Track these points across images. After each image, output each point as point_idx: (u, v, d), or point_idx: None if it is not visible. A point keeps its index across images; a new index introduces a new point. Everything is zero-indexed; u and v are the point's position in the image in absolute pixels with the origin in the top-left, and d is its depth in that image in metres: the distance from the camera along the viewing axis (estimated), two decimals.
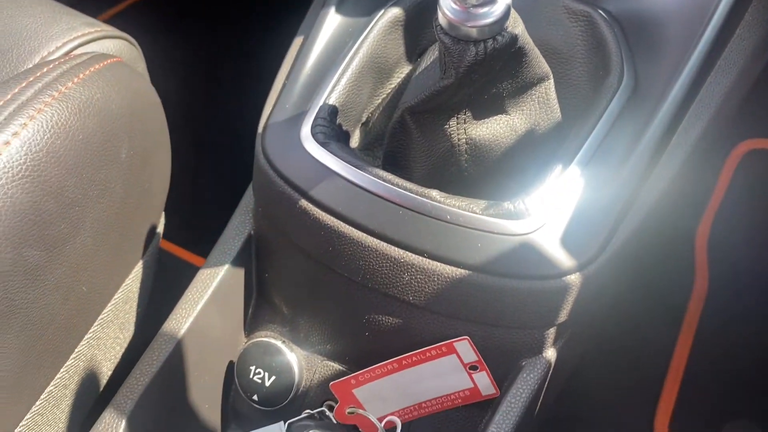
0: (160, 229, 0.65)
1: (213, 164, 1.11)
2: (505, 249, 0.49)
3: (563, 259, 0.49)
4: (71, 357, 0.54)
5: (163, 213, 0.66)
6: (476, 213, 0.49)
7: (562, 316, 0.51)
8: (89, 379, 0.58)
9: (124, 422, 0.52)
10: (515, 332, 0.51)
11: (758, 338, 0.92)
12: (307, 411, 0.60)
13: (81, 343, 0.55)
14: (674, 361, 0.93)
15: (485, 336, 0.52)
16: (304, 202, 0.53)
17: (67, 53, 0.54)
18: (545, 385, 0.53)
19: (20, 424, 0.50)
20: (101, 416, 0.52)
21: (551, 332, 0.52)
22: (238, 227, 0.61)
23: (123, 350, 0.64)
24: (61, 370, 0.53)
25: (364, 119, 0.63)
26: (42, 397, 0.52)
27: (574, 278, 0.49)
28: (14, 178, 0.41)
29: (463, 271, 0.49)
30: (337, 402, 0.58)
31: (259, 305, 0.63)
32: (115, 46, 0.59)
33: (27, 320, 0.46)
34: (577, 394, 0.78)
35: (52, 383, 0.53)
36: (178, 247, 1.01)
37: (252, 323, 0.63)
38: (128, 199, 0.54)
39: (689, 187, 0.57)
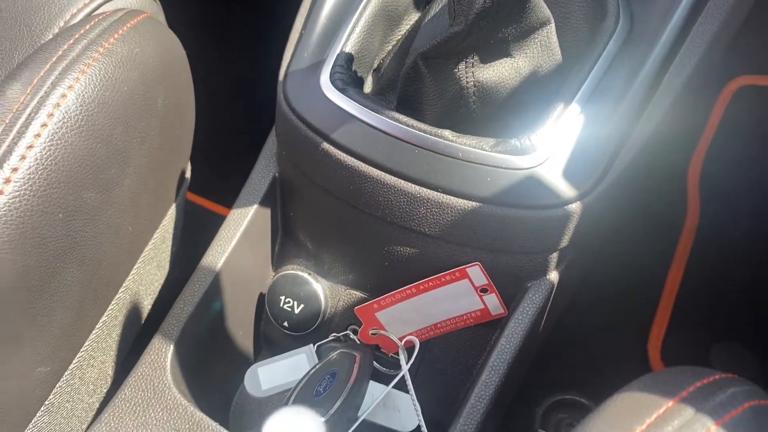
0: (188, 175, 0.70)
1: (232, 114, 1.15)
2: (512, 182, 0.54)
3: (565, 189, 0.54)
4: (120, 291, 0.60)
5: (189, 161, 0.71)
6: (485, 150, 0.54)
7: (564, 242, 0.56)
8: (134, 311, 0.64)
9: (171, 347, 0.58)
10: (521, 257, 0.57)
11: (745, 267, 0.98)
12: (334, 334, 0.66)
13: (127, 278, 0.61)
14: (666, 287, 0.99)
15: (494, 261, 0.57)
16: (325, 145, 0.58)
17: (90, 12, 0.58)
18: (548, 305, 0.59)
19: (80, 351, 0.56)
20: (152, 341, 0.58)
21: (554, 257, 0.57)
22: (263, 171, 0.66)
23: (160, 287, 0.69)
24: (112, 302, 0.59)
25: (375, 66, 0.67)
26: (97, 326, 0.58)
27: (574, 207, 0.54)
28: (72, 127, 0.46)
29: (474, 203, 0.54)
30: (360, 326, 0.64)
31: (285, 242, 0.68)
32: (137, 2, 0.63)
33: (85, 256, 0.51)
34: (571, 320, 0.83)
35: (105, 314, 0.58)
36: (200, 197, 1.06)
37: (279, 258, 0.69)
38: (163, 146, 0.59)
39: (682, 124, 0.61)
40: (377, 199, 0.57)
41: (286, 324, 0.66)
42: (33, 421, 0.53)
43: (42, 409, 0.53)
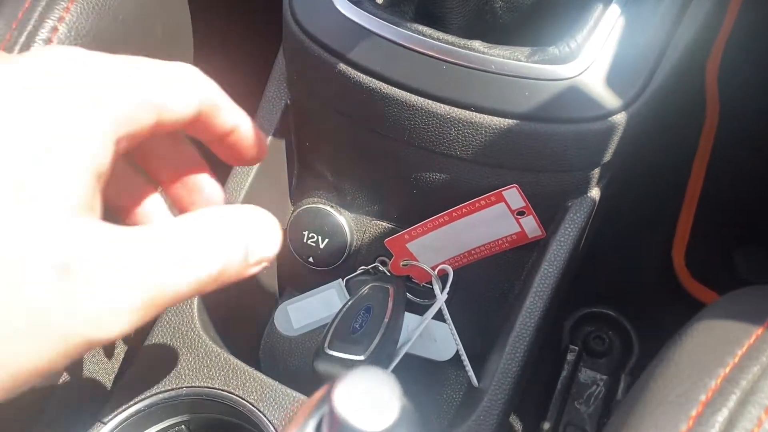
0: None
1: (235, 37, 1.07)
2: (553, 94, 0.49)
3: (609, 99, 0.50)
4: None
5: None
6: (521, 60, 0.50)
7: (607, 156, 0.52)
8: None
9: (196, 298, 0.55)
10: (562, 176, 0.53)
11: (766, 166, 0.95)
12: (362, 267, 0.63)
13: None
14: (688, 191, 0.96)
15: (532, 182, 0.54)
16: (342, 66, 0.53)
17: None
18: (589, 224, 0.56)
19: None
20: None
21: (596, 173, 0.54)
22: (274, 98, 0.61)
23: None
24: None
25: None
26: None
27: (619, 118, 0.50)
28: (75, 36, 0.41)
29: (511, 121, 0.50)
30: (389, 257, 0.61)
31: (303, 175, 0.64)
32: None
33: None
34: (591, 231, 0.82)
35: None
36: None
37: (297, 192, 0.65)
38: None
39: (698, 21, 0.56)
40: (402, 123, 0.53)
41: (311, 260, 0.63)
42: (63, 377, 0.50)
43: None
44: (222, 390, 0.51)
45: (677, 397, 0.30)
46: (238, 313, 0.61)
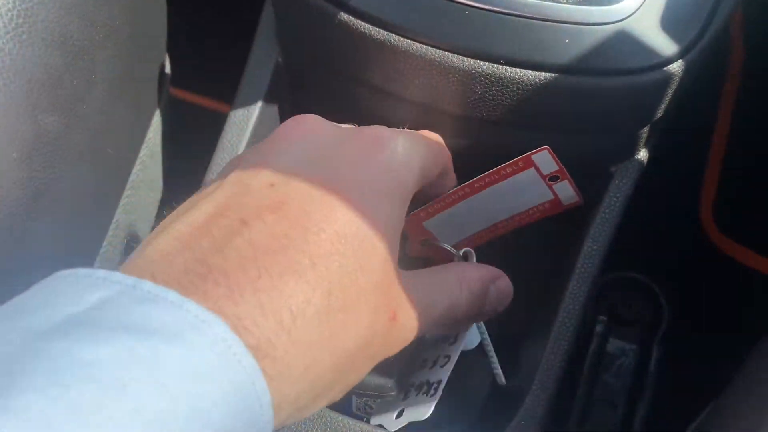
0: (168, 70, 0.57)
1: None
2: (597, 42, 0.41)
3: (665, 45, 0.42)
4: (110, 231, 0.48)
5: (167, 55, 0.57)
6: (560, 1, 0.41)
7: (660, 112, 0.45)
8: (129, 249, 0.53)
9: None
10: (607, 137, 0.46)
11: None
12: None
13: (117, 212, 0.49)
14: (714, 146, 0.89)
15: (570, 145, 0.46)
16: (344, 16, 0.45)
17: None
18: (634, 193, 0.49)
19: None
20: None
21: (645, 132, 0.46)
22: (263, 57, 0.53)
23: (155, 211, 0.58)
24: (104, 244, 0.48)
25: None
26: None
27: (676, 67, 0.42)
28: (6, 29, 0.32)
29: (548, 74, 0.42)
30: (405, 239, 0.54)
31: None
32: None
33: (60, 203, 0.39)
34: None
35: (95, 261, 0.48)
36: (185, 92, 0.91)
37: None
38: (134, 40, 0.45)
39: None
40: (417, 82, 0.45)
41: None
42: None
43: None
44: None
45: None
46: None
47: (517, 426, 0.43)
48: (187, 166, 0.59)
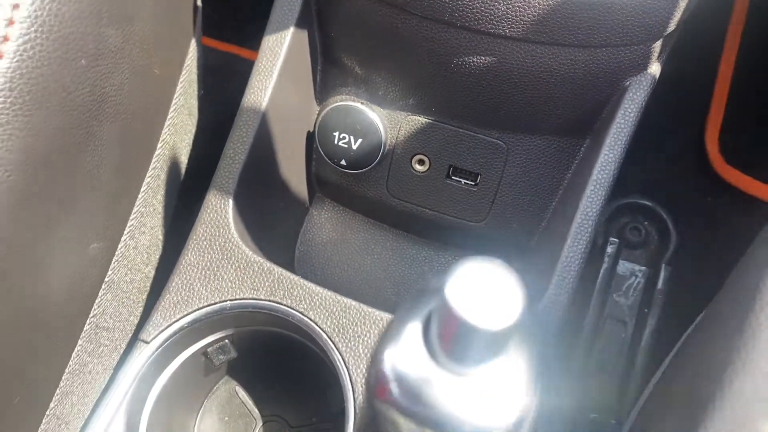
0: (200, 3, 0.59)
1: None
2: None
3: None
4: (158, 145, 0.52)
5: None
6: None
7: (672, 25, 0.47)
8: (175, 166, 0.57)
9: (230, 201, 0.51)
10: (621, 50, 0.48)
11: None
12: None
13: (163, 130, 0.52)
14: (720, 77, 0.91)
15: (589, 60, 0.49)
16: None
17: None
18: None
19: (130, 219, 0.50)
20: (207, 198, 0.51)
21: (657, 45, 0.49)
22: None
23: (193, 136, 0.61)
24: (153, 159, 0.51)
25: None
26: (142, 188, 0.51)
27: None
28: None
29: None
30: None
31: (328, 70, 0.59)
32: None
33: (117, 109, 0.43)
34: None
35: (148, 174, 0.51)
36: (214, 40, 0.94)
37: (323, 90, 0.60)
38: None
39: None
40: (446, 1, 0.47)
41: (343, 162, 0.59)
42: (97, 300, 0.47)
43: (103, 287, 0.48)
44: (268, 300, 0.49)
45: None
46: (273, 220, 0.58)
47: (554, 294, 0.47)
48: (221, 99, 0.63)
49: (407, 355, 0.23)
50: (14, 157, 0.34)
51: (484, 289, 0.22)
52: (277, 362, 0.55)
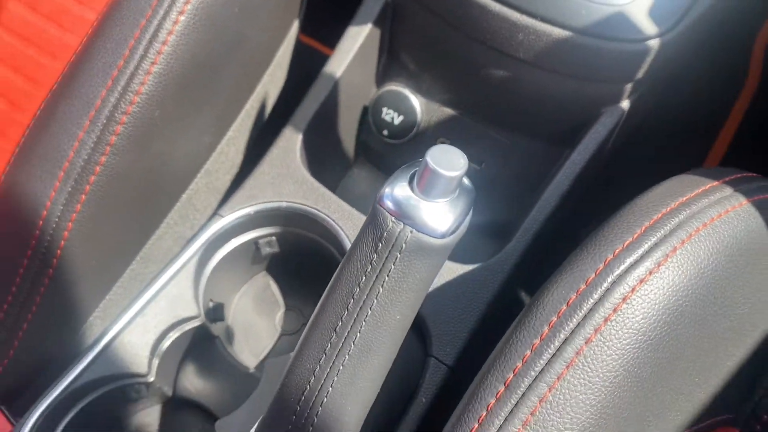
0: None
1: None
2: (604, 15, 0.62)
3: (648, 26, 0.63)
4: (258, 85, 0.72)
5: None
6: None
7: (640, 74, 0.65)
8: (266, 104, 0.76)
9: (300, 135, 0.70)
10: (603, 85, 0.66)
11: None
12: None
13: (264, 76, 0.72)
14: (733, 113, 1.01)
15: (577, 88, 0.67)
16: None
17: None
18: (616, 131, 0.69)
19: (230, 128, 0.69)
20: (283, 131, 0.71)
21: (629, 87, 0.67)
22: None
23: (281, 89, 0.80)
24: (252, 95, 0.71)
25: None
26: (242, 112, 0.71)
27: (653, 43, 0.63)
28: None
29: (567, 32, 0.63)
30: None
31: (389, 63, 0.79)
32: None
33: (240, 53, 0.62)
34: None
35: (248, 103, 0.71)
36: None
37: (382, 77, 0.79)
38: None
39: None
40: (482, 25, 0.66)
41: (385, 132, 0.78)
42: (194, 180, 0.67)
43: (201, 171, 0.67)
44: (312, 207, 0.67)
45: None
46: (324, 162, 0.77)
47: (498, 258, 0.64)
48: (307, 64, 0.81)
49: (399, 189, 0.41)
50: (187, 57, 0.54)
51: (446, 158, 0.40)
52: (306, 264, 0.73)
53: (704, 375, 0.45)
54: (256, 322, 0.74)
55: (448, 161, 0.39)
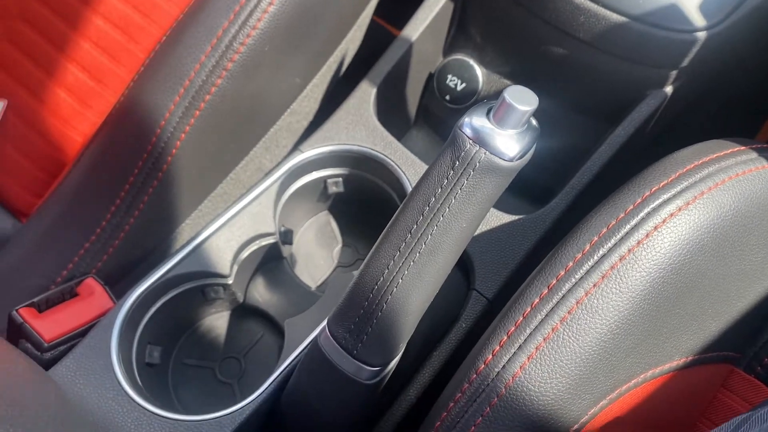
0: None
1: None
2: (658, 5, 0.70)
3: (698, 18, 0.70)
4: (342, 43, 0.81)
5: None
6: None
7: (685, 62, 0.73)
8: (343, 59, 0.85)
9: (374, 89, 0.79)
10: (650, 69, 0.74)
11: None
12: None
13: (346, 37, 0.81)
14: None
15: (627, 70, 0.75)
16: None
17: None
18: (659, 112, 0.77)
19: (314, 77, 0.78)
20: (360, 85, 0.79)
21: (674, 73, 0.74)
22: None
23: (359, 46, 0.89)
24: (336, 50, 0.80)
25: None
26: (327, 63, 0.79)
27: (701, 35, 0.71)
28: None
29: (624, 18, 0.71)
30: None
31: (456, 35, 0.87)
32: None
33: (333, 8, 0.72)
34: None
35: (334, 54, 0.80)
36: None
37: (449, 47, 0.88)
38: None
39: None
40: (548, 5, 0.74)
41: (447, 97, 0.87)
42: (281, 118, 0.76)
43: (287, 111, 0.76)
44: (381, 153, 0.76)
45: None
46: (392, 115, 0.85)
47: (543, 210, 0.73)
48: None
49: (476, 119, 0.49)
50: (297, 2, 0.63)
51: (521, 96, 0.48)
52: (366, 206, 0.82)
53: (716, 308, 0.53)
54: (316, 253, 0.83)
55: (523, 98, 0.48)
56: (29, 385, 0.33)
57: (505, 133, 0.48)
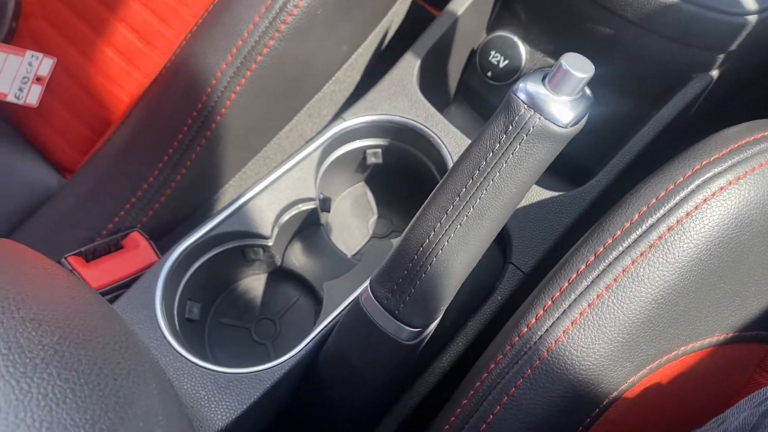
0: None
1: None
2: None
3: (750, 1, 0.70)
4: (384, 18, 0.81)
5: None
6: None
7: (734, 46, 0.73)
8: (386, 32, 0.85)
9: (418, 62, 0.80)
10: (697, 51, 0.74)
11: None
12: None
13: (386, 16, 0.82)
14: None
15: (677, 51, 0.75)
16: None
17: None
18: (703, 95, 0.77)
19: (359, 48, 0.79)
20: (404, 56, 0.80)
21: (721, 57, 0.74)
22: None
23: (400, 24, 0.90)
24: (379, 25, 0.81)
25: None
26: (374, 31, 0.80)
27: (751, 18, 0.70)
28: None
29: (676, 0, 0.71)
30: None
31: (501, 11, 0.87)
32: None
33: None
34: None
35: (377, 27, 0.80)
36: None
37: (493, 24, 0.88)
38: None
39: None
40: None
41: (489, 74, 0.87)
42: (326, 85, 0.77)
43: (333, 79, 0.77)
44: (422, 124, 0.76)
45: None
46: (433, 90, 0.86)
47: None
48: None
49: (531, 84, 0.50)
50: None
51: (578, 63, 0.48)
52: (403, 179, 0.83)
53: (759, 286, 0.53)
54: (352, 223, 0.84)
55: (579, 65, 0.48)
56: (97, 312, 0.35)
57: (560, 99, 0.48)
